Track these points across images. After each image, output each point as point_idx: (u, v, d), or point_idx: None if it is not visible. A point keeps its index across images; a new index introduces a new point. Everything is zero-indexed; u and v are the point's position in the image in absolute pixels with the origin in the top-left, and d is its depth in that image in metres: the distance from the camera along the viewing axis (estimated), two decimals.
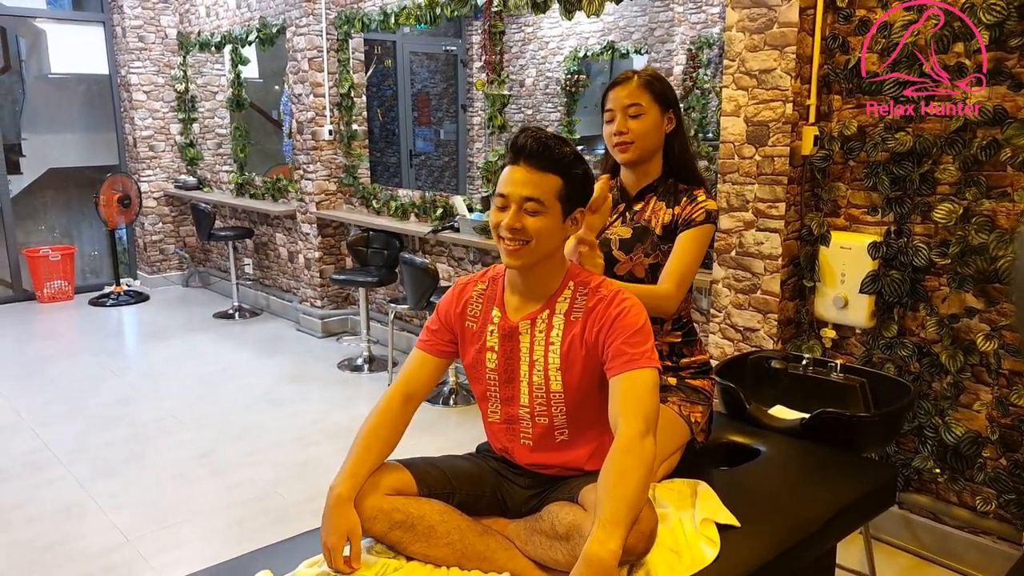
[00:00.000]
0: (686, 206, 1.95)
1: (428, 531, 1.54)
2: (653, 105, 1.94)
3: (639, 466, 1.41)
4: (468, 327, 1.71)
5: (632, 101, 1.93)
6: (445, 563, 1.55)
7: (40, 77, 6.97)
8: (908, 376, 2.63)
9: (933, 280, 2.59)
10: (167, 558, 2.76)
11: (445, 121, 8.29)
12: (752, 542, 1.60)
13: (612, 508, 1.36)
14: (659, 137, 1.98)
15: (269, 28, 5.66)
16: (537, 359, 1.63)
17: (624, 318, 1.56)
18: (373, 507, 1.55)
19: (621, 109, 1.95)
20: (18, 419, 4.04)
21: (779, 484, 1.88)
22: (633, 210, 2.03)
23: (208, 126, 7.03)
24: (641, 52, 6.68)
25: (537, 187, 1.53)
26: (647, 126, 1.94)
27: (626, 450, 1.43)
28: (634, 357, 1.52)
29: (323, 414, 4.10)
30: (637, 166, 2.01)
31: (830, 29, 2.69)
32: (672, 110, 1.98)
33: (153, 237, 7.13)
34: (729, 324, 2.98)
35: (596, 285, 1.63)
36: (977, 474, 2.55)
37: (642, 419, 1.46)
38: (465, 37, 7.92)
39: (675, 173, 2.02)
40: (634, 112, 1.93)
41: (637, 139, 1.94)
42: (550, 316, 1.63)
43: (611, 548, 1.32)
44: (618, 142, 1.96)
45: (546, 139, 1.54)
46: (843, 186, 2.75)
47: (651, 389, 1.51)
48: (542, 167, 1.54)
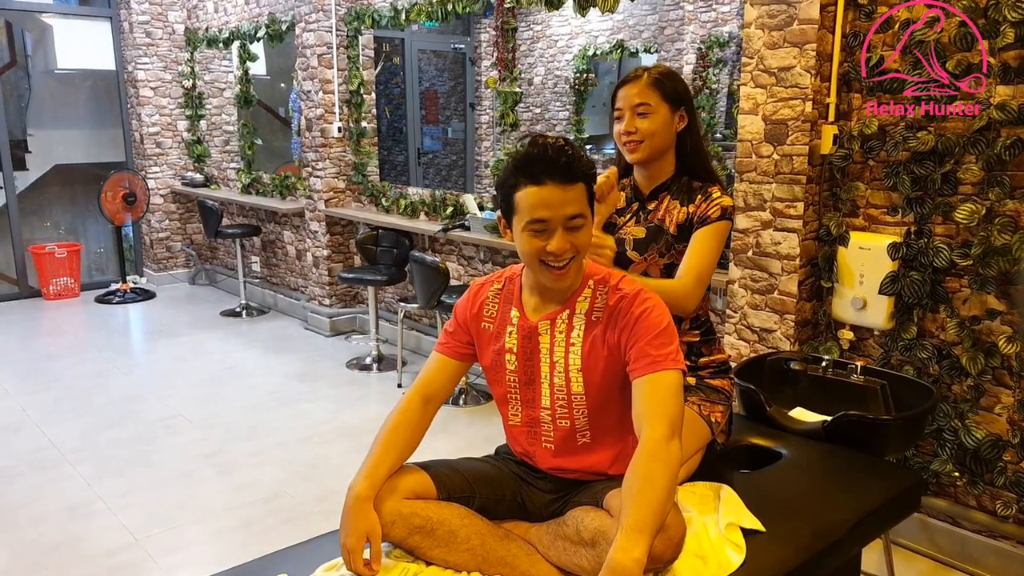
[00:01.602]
0: (701, 203, 1.92)
1: (448, 536, 1.52)
2: (662, 104, 1.91)
3: (664, 472, 1.38)
4: (484, 328, 1.69)
5: (641, 100, 1.91)
6: (466, 568, 1.51)
7: (46, 73, 6.95)
8: (927, 378, 2.60)
9: (954, 281, 2.55)
10: (175, 559, 2.74)
11: (453, 119, 8.26)
12: (777, 548, 1.57)
13: (637, 515, 1.33)
14: (669, 136, 1.94)
15: (278, 24, 5.64)
16: (558, 360, 1.61)
17: (647, 318, 1.53)
18: (392, 511, 1.52)
19: (630, 108, 1.92)
20: (24, 417, 4.02)
21: (802, 488, 1.85)
22: (647, 209, 2.00)
23: (215, 123, 7.01)
24: (651, 51, 6.64)
25: (575, 203, 1.50)
26: (656, 125, 1.91)
27: (651, 455, 1.40)
28: (658, 359, 1.49)
29: (332, 414, 4.08)
30: (648, 165, 1.99)
31: (850, 26, 2.65)
32: (684, 108, 1.95)
33: (160, 234, 7.11)
34: (745, 325, 2.95)
35: (616, 283, 1.60)
36: (997, 478, 2.52)
37: (667, 423, 1.43)
38: (474, 35, 7.89)
39: (689, 171, 1.99)
40: (643, 111, 1.91)
41: (646, 138, 1.92)
42: (570, 316, 1.60)
43: (635, 556, 1.29)
44: (627, 141, 1.94)
45: (564, 151, 1.49)
46: (862, 186, 2.71)
47: (675, 392, 1.48)
48: (570, 180, 1.49)
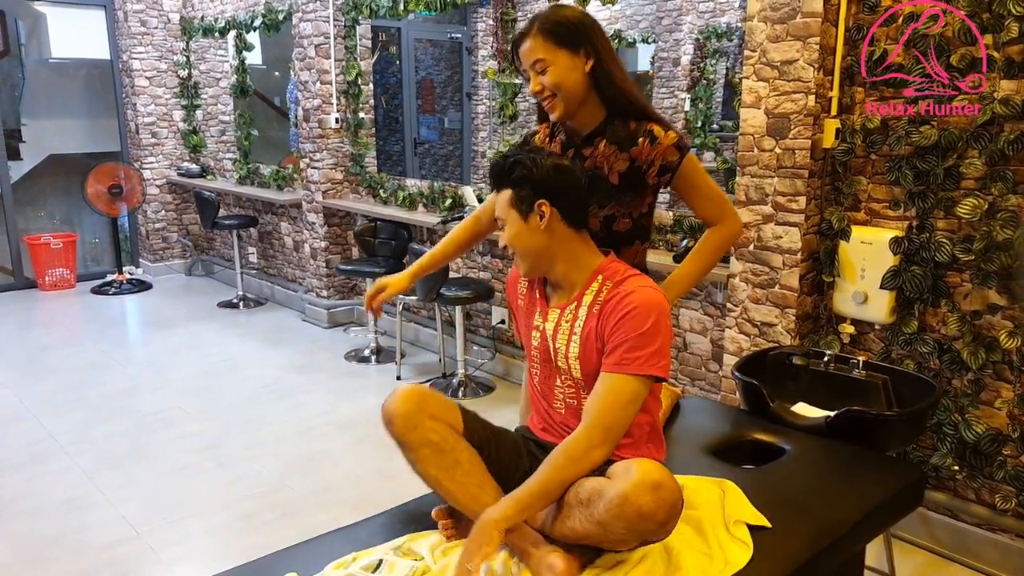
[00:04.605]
0: (645, 148, 1.78)
1: (452, 464, 1.62)
2: (559, 51, 1.75)
3: (570, 473, 1.51)
4: (519, 304, 1.85)
5: (535, 57, 1.76)
6: (449, 499, 1.63)
7: (40, 62, 6.89)
8: (928, 373, 2.60)
9: (955, 276, 2.56)
10: (176, 552, 2.73)
11: (449, 109, 8.22)
12: (784, 544, 1.58)
13: (524, 489, 1.50)
14: (580, 80, 1.77)
15: (275, 14, 5.59)
16: (560, 347, 1.69)
17: (630, 318, 1.56)
18: (419, 416, 1.62)
19: (529, 67, 1.79)
20: (21, 408, 4.01)
21: (807, 484, 1.85)
22: (583, 156, 1.84)
23: (211, 113, 6.96)
24: (648, 41, 6.62)
25: (498, 205, 1.69)
26: (559, 76, 1.75)
27: (569, 456, 1.52)
28: (624, 361, 1.55)
29: (330, 405, 4.07)
30: (575, 117, 1.83)
31: (854, 20, 2.64)
32: (585, 47, 1.76)
33: (156, 225, 7.08)
34: (746, 319, 2.95)
35: (621, 278, 1.64)
36: (997, 472, 2.53)
37: (602, 432, 1.52)
38: (470, 24, 7.84)
39: (620, 111, 1.82)
40: (541, 67, 1.76)
41: (556, 91, 1.77)
42: (577, 308, 1.67)
43: (496, 517, 1.46)
44: (541, 101, 1.82)
45: (494, 163, 1.71)
46: (864, 180, 2.71)
47: (626, 402, 1.54)
48: (496, 187, 1.70)
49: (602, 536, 1.45)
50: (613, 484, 1.43)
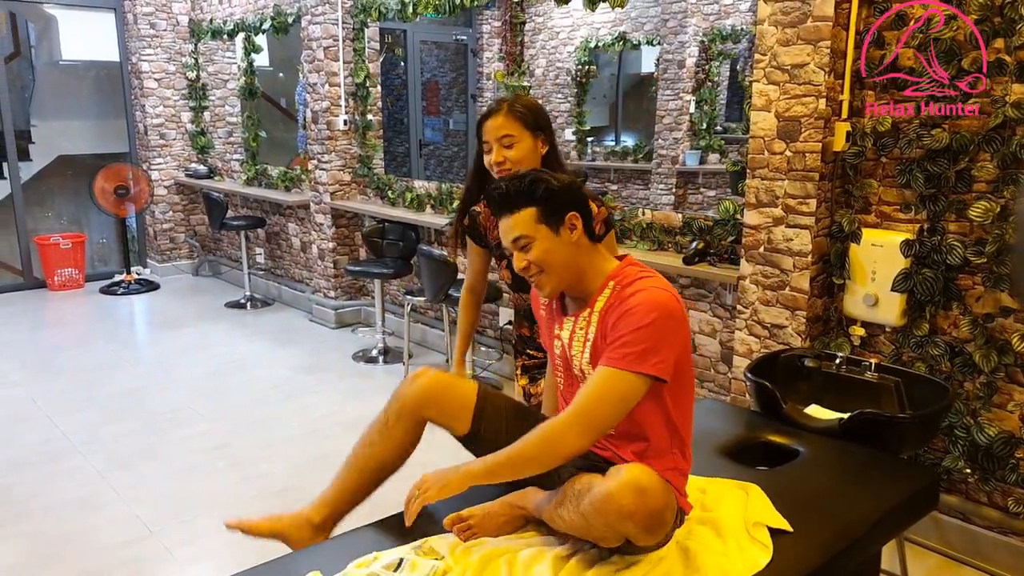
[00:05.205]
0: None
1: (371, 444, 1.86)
2: (524, 132, 2.06)
3: (543, 452, 1.53)
4: (541, 314, 1.86)
5: (504, 132, 2.05)
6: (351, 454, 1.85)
7: (50, 63, 6.92)
8: (939, 375, 2.61)
9: (967, 279, 2.56)
10: (189, 551, 2.75)
11: (455, 111, 8.24)
12: (801, 546, 1.58)
13: (498, 455, 1.56)
14: (535, 160, 2.07)
15: (284, 16, 5.61)
16: (576, 355, 1.69)
17: (631, 314, 1.55)
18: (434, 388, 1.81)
19: (496, 139, 2.06)
20: (34, 407, 4.03)
21: (822, 486, 1.86)
22: None
23: (219, 114, 6.99)
24: (653, 43, 6.62)
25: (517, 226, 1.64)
26: (522, 153, 2.05)
27: (546, 440, 1.53)
28: (616, 355, 1.53)
29: (339, 406, 4.08)
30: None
31: (864, 23, 2.65)
32: (544, 134, 2.10)
33: (164, 225, 7.10)
34: (756, 321, 2.96)
35: (631, 280, 1.63)
36: (1009, 475, 2.53)
37: (583, 423, 1.52)
38: (476, 26, 7.86)
39: None
40: (508, 142, 2.05)
41: (515, 165, 2.03)
42: (590, 315, 1.67)
43: (460, 472, 1.57)
44: (499, 170, 2.05)
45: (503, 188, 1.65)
46: (875, 183, 2.72)
47: (616, 397, 1.52)
48: (511, 210, 1.64)
49: (585, 529, 1.51)
50: (604, 481, 1.47)
